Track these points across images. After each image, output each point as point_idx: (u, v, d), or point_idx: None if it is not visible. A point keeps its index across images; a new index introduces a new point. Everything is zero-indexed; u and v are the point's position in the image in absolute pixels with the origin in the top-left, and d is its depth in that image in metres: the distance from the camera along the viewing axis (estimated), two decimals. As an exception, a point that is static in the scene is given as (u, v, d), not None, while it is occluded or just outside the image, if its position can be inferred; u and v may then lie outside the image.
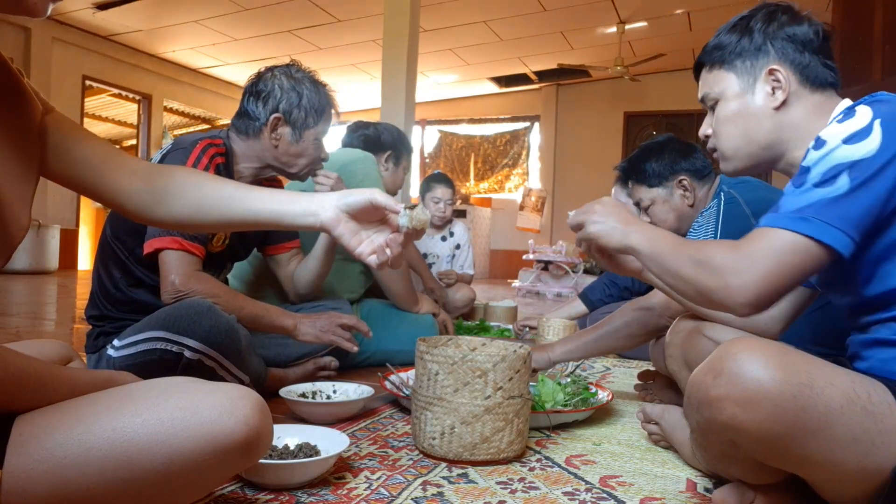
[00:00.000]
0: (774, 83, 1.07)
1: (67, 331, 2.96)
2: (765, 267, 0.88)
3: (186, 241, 1.45)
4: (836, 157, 0.88)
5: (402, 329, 2.23)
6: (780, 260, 0.87)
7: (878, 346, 0.95)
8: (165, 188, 0.93)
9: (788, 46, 1.06)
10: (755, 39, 1.08)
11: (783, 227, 0.88)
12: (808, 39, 1.06)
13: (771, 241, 0.89)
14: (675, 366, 1.39)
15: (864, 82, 3.33)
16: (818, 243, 0.86)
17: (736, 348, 0.87)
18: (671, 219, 1.94)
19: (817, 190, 0.88)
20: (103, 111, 9.72)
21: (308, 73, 1.69)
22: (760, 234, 0.91)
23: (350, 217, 0.92)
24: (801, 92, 1.06)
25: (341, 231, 0.91)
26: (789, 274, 0.88)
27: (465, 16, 6.65)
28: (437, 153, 10.47)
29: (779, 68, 1.06)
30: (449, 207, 3.48)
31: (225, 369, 1.43)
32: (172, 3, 6.36)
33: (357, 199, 0.92)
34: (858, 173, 0.86)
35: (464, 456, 1.21)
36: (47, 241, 6.52)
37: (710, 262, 0.92)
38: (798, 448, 0.83)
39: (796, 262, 0.87)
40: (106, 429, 0.71)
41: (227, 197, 0.94)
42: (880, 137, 0.87)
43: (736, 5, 6.14)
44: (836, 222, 0.86)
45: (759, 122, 1.09)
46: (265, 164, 1.66)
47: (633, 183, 2.01)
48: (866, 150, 0.87)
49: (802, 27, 1.06)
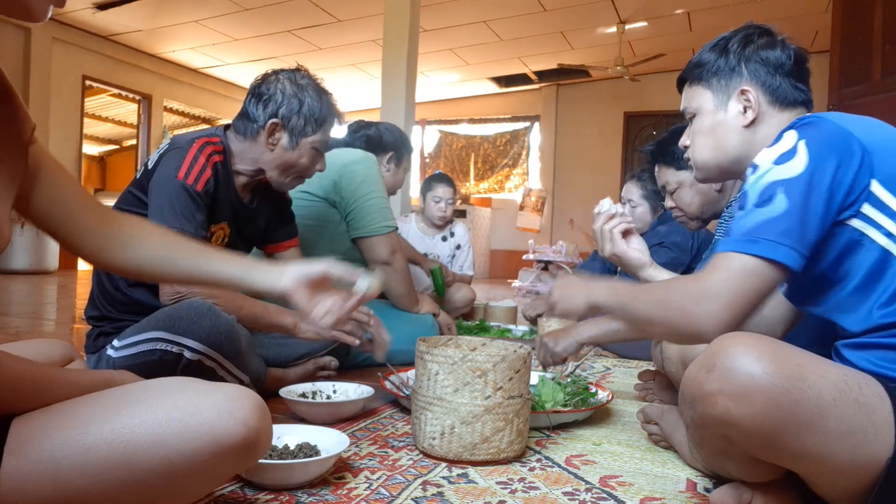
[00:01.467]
0: (745, 102, 1.12)
1: (67, 331, 2.96)
2: (725, 294, 0.92)
3: (185, 242, 1.45)
4: (769, 178, 0.94)
5: (402, 329, 2.22)
6: (737, 285, 0.92)
7: (855, 350, 0.96)
8: (133, 235, 0.98)
9: (761, 69, 1.12)
10: (730, 60, 1.14)
11: (735, 250, 0.93)
12: (780, 63, 1.11)
13: (727, 268, 0.94)
14: (674, 367, 1.39)
15: (864, 82, 3.33)
16: (769, 262, 0.91)
17: (728, 343, 0.88)
18: (696, 203, 1.91)
19: (759, 210, 0.94)
20: (103, 111, 9.72)
21: (314, 80, 1.66)
22: (718, 261, 0.96)
23: (306, 286, 1.05)
24: (770, 111, 1.12)
25: (298, 298, 1.05)
26: (748, 297, 0.92)
27: (465, 16, 6.65)
28: (437, 153, 10.46)
29: (749, 89, 1.12)
30: (450, 207, 3.49)
31: (225, 370, 1.43)
32: (172, 3, 6.36)
33: (313, 271, 1.06)
34: (792, 191, 0.91)
35: (464, 456, 1.21)
36: (47, 241, 6.51)
37: (674, 300, 0.98)
38: (791, 442, 0.84)
39: (753, 284, 0.92)
40: (104, 429, 0.70)
41: (197, 254, 1.02)
42: (806, 156, 0.92)
43: (736, 5, 6.15)
44: (782, 239, 0.90)
45: (730, 137, 1.15)
46: (259, 168, 1.64)
47: (660, 166, 1.98)
48: (795, 170, 0.92)
49: (775, 52, 1.12)
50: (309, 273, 1.06)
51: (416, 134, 8.90)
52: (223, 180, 1.58)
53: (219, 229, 1.62)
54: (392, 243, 2.23)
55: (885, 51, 3.27)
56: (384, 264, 2.23)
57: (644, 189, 2.80)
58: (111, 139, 10.95)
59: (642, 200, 2.79)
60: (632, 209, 2.78)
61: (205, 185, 1.50)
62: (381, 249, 2.20)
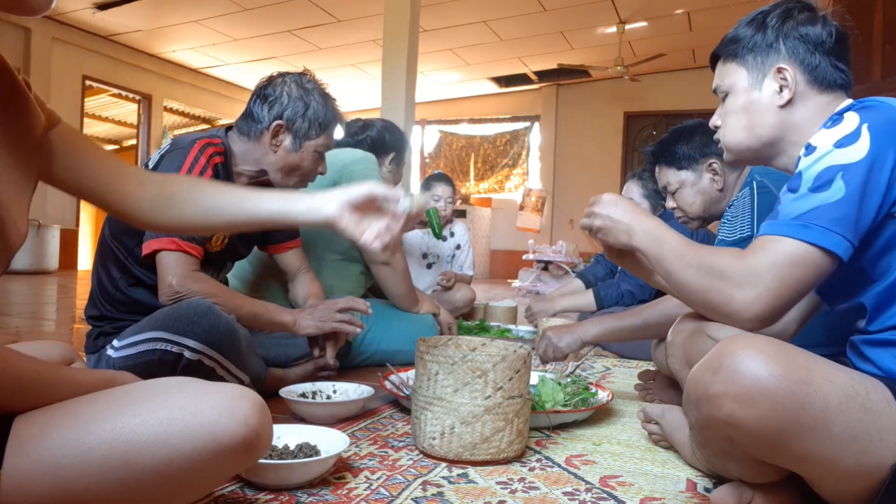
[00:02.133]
0: (782, 81, 1.07)
1: (67, 331, 2.96)
2: (768, 279, 0.88)
3: (184, 242, 1.45)
4: (828, 161, 0.90)
5: (402, 329, 2.23)
6: (783, 271, 0.88)
7: (878, 347, 0.95)
8: (174, 193, 0.98)
9: (800, 46, 1.07)
10: (768, 36, 1.09)
11: (785, 234, 0.89)
12: (820, 40, 1.06)
13: (774, 251, 0.89)
14: (677, 365, 1.38)
15: (864, 82, 3.33)
16: (820, 250, 0.87)
17: (735, 345, 0.87)
18: (698, 203, 1.90)
19: (814, 195, 0.89)
20: (103, 111, 9.71)
21: (319, 84, 1.68)
22: (763, 244, 0.91)
23: (352, 210, 0.99)
24: (808, 92, 1.07)
25: (345, 223, 0.99)
26: (793, 285, 0.89)
27: (465, 16, 6.65)
28: (437, 153, 10.46)
29: (787, 67, 1.06)
30: (449, 206, 3.48)
31: (225, 369, 1.43)
32: (172, 3, 6.36)
33: (357, 194, 0.99)
34: (852, 177, 0.87)
35: (464, 456, 1.21)
36: (47, 241, 6.52)
37: (717, 273, 0.93)
38: (796, 445, 0.84)
39: (801, 273, 0.88)
40: (105, 429, 0.70)
41: (236, 196, 1.00)
42: (869, 142, 0.88)
43: (736, 5, 6.15)
44: (835, 227, 0.87)
45: (764, 118, 1.09)
46: (261, 169, 1.65)
47: (661, 166, 1.97)
48: (857, 155, 0.88)
49: (816, 28, 1.06)
50: (353, 197, 0.99)
51: (416, 134, 8.91)
52: (224, 181, 1.58)
53: (219, 229, 1.62)
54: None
55: (885, 51, 3.27)
56: (384, 264, 2.22)
57: (644, 188, 2.80)
58: (111, 139, 10.94)
59: (642, 199, 2.80)
60: None
61: (205, 186, 1.50)
62: None
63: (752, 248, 0.92)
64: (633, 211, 1.12)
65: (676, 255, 1.01)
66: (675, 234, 1.06)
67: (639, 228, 1.08)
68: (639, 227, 1.08)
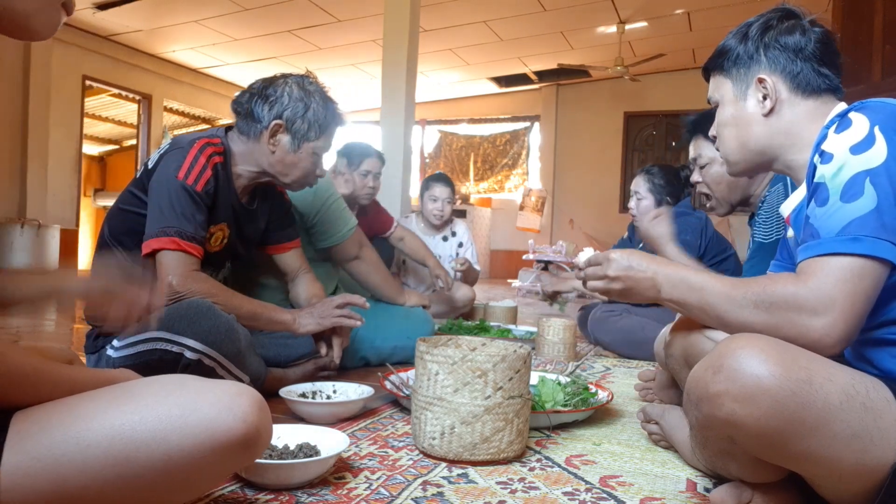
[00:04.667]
0: (763, 91, 1.09)
1: (67, 331, 2.95)
2: (843, 302, 0.85)
3: (184, 242, 1.45)
4: (852, 170, 0.89)
5: (395, 324, 2.22)
6: (851, 289, 0.85)
7: (875, 346, 0.95)
8: None
9: (781, 55, 1.08)
10: (748, 48, 1.11)
11: (839, 251, 0.87)
12: (800, 47, 1.07)
13: (834, 273, 0.86)
14: (676, 365, 1.38)
15: (864, 82, 3.32)
16: (876, 260, 0.85)
17: (735, 344, 0.87)
18: (724, 183, 1.86)
19: (848, 206, 0.88)
20: (103, 111, 9.70)
21: (321, 87, 1.68)
22: (820, 265, 0.88)
23: None
24: (792, 99, 1.08)
25: None
26: (864, 301, 0.86)
27: (465, 16, 6.64)
28: (437, 153, 10.46)
29: (766, 77, 1.08)
30: (448, 206, 3.48)
31: (225, 369, 1.43)
32: (172, 3, 6.35)
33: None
34: (880, 182, 0.86)
35: (464, 456, 1.21)
36: (47, 240, 6.51)
37: (782, 306, 0.89)
38: (796, 444, 0.84)
39: (867, 287, 0.86)
40: (104, 426, 0.71)
41: None
42: (885, 143, 0.88)
43: (736, 5, 6.15)
44: (882, 234, 0.85)
45: (751, 128, 1.11)
46: (261, 169, 1.65)
47: (698, 137, 1.93)
48: (878, 158, 0.87)
49: (795, 36, 1.07)
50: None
51: (416, 134, 8.90)
52: (223, 181, 1.58)
53: (218, 230, 1.62)
54: (359, 239, 2.24)
55: (885, 51, 3.27)
56: (354, 259, 2.23)
57: (651, 183, 2.83)
58: (111, 139, 10.93)
59: (648, 194, 2.83)
60: (637, 201, 2.83)
61: (205, 186, 1.50)
62: (350, 249, 2.21)
63: (808, 272, 0.89)
64: (648, 261, 1.10)
65: (724, 297, 0.97)
66: (706, 274, 1.04)
67: (665, 280, 1.06)
68: (665, 280, 1.06)
